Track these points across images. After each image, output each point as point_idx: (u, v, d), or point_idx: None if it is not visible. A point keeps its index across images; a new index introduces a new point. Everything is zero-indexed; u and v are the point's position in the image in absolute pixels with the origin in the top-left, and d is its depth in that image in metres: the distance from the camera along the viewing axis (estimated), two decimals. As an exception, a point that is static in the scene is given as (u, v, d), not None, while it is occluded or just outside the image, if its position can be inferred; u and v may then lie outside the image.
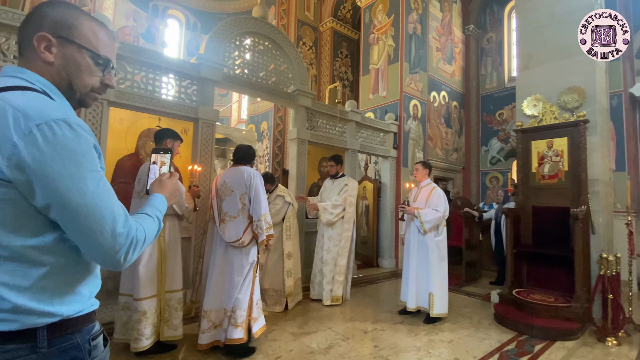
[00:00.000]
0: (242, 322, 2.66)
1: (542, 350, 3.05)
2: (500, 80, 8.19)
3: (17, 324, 0.69)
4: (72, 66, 0.81)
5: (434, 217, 3.69)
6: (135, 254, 0.79)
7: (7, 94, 0.70)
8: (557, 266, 4.04)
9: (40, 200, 0.69)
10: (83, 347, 0.78)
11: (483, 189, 8.20)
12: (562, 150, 4.19)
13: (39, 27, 0.77)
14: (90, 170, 0.73)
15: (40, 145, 0.67)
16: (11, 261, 0.69)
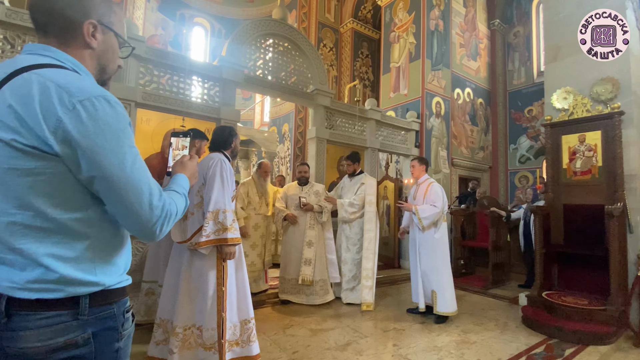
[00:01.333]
0: (214, 344, 2.20)
1: (574, 354, 2.88)
2: (529, 76, 7.85)
3: (63, 292, 0.72)
4: (109, 52, 0.87)
5: (432, 212, 3.61)
6: (169, 226, 0.84)
7: (45, 70, 0.72)
8: (590, 268, 3.81)
9: (85, 173, 0.72)
10: (118, 317, 0.82)
11: (512, 189, 7.88)
12: (595, 144, 3.96)
13: (88, 14, 0.80)
14: (128, 146, 0.76)
15: (84, 120, 0.70)
16: (57, 233, 0.72)
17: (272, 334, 3.11)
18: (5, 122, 0.68)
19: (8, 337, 0.70)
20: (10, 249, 0.70)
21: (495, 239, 5.43)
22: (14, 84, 0.70)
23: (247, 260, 3.95)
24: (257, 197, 4.07)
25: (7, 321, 0.70)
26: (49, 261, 0.71)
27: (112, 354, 0.81)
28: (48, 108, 0.68)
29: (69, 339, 0.73)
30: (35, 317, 0.71)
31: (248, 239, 4.00)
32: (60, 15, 0.78)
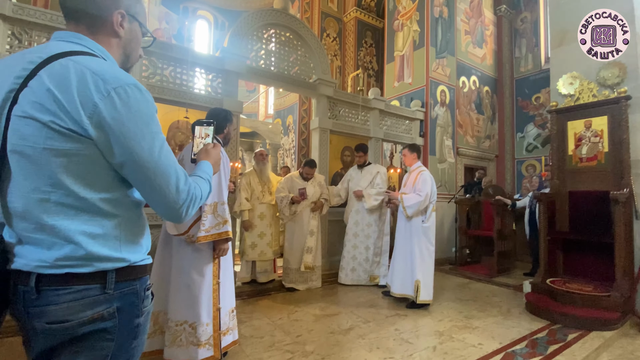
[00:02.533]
0: (209, 339, 2.16)
1: (576, 339, 2.89)
2: (537, 62, 7.70)
3: (92, 267, 0.76)
4: (134, 41, 0.92)
5: (416, 201, 3.63)
6: (194, 209, 0.88)
7: (80, 57, 0.76)
8: (596, 255, 3.79)
9: (118, 157, 0.76)
10: (139, 294, 0.86)
11: (519, 178, 7.80)
12: (601, 130, 3.90)
13: (117, 4, 0.85)
14: (157, 132, 0.81)
15: (118, 106, 0.74)
16: (86, 212, 0.76)
17: (276, 319, 3.17)
18: (44, 105, 0.71)
19: (38, 313, 0.73)
20: (39, 227, 0.73)
21: (501, 228, 5.41)
22: (52, 69, 0.73)
23: (256, 250, 4.05)
24: (260, 187, 4.11)
25: (37, 297, 0.73)
26: (79, 238, 0.74)
27: (132, 329, 0.84)
28: (85, 94, 0.72)
29: (96, 313, 0.76)
30: (65, 292, 0.74)
31: (255, 229, 4.06)
32: (93, 4, 0.83)
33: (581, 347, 2.73)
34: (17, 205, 0.74)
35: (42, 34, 3.26)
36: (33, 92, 0.71)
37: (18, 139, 0.71)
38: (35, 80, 0.72)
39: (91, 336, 0.76)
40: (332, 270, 4.84)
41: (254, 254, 4.01)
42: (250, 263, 4.07)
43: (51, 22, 3.24)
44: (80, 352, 0.76)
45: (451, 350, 2.61)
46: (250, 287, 4.03)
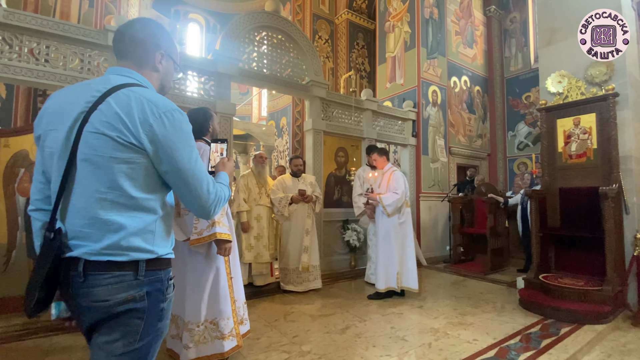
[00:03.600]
0: (232, 331, 2.29)
1: (569, 333, 2.93)
2: (526, 62, 7.81)
3: (127, 257, 0.92)
4: (169, 74, 1.14)
5: (394, 199, 3.85)
6: (220, 207, 1.10)
7: (137, 89, 0.96)
8: (587, 250, 3.84)
9: (164, 165, 0.95)
10: (164, 282, 1.01)
11: (511, 176, 7.88)
12: (590, 127, 3.97)
13: (159, 46, 1.08)
14: (193, 146, 1.01)
15: (167, 126, 0.94)
16: (133, 209, 0.94)
17: (273, 321, 3.17)
18: (112, 124, 0.90)
19: (84, 293, 0.90)
20: (92, 222, 0.90)
21: (494, 225, 5.47)
22: (117, 97, 0.92)
23: (252, 252, 4.03)
24: (257, 189, 4.11)
25: (84, 280, 0.89)
26: (124, 231, 0.91)
27: (158, 313, 1.00)
28: (143, 116, 0.92)
29: (129, 295, 0.92)
30: (105, 277, 0.90)
31: (252, 231, 4.06)
32: (140, 47, 1.05)
33: (574, 341, 2.77)
34: (78, 202, 0.91)
35: (32, 39, 3.24)
36: (103, 114, 0.91)
37: (89, 149, 0.90)
38: (104, 105, 0.91)
39: (125, 315, 0.93)
40: (329, 270, 4.85)
41: (250, 256, 4.00)
42: (247, 265, 4.05)
43: (41, 27, 3.22)
44: (116, 328, 0.93)
45: (446, 347, 2.63)
46: (247, 289, 3.98)
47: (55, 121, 0.94)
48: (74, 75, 3.37)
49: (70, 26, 3.39)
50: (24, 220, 3.14)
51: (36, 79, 3.22)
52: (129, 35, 1.04)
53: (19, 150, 3.15)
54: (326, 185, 5.15)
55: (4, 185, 3.06)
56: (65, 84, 3.34)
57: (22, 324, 2.88)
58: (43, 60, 3.27)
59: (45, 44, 3.29)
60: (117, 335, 0.93)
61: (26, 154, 3.18)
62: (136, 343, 0.95)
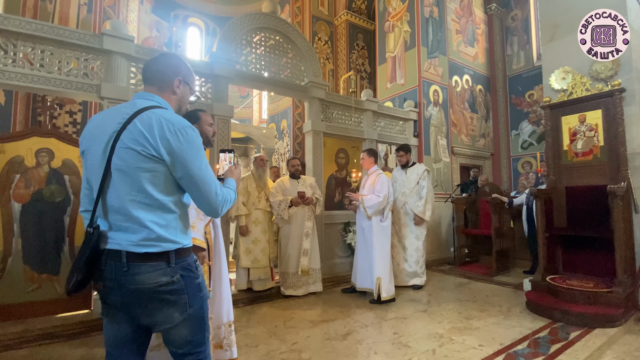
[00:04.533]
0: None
1: (579, 337, 2.83)
2: (529, 59, 7.71)
3: (159, 247, 1.12)
4: (184, 97, 1.34)
5: (376, 202, 3.88)
6: (226, 209, 1.28)
7: (157, 110, 1.16)
8: (596, 250, 3.73)
9: (179, 172, 1.14)
10: (192, 265, 1.23)
11: (515, 176, 7.76)
12: (596, 124, 3.87)
13: (177, 73, 1.29)
14: (202, 157, 1.20)
15: (181, 140, 1.13)
16: (158, 209, 1.13)
17: (272, 327, 3.10)
18: (138, 140, 1.10)
19: (129, 280, 1.10)
20: (129, 218, 1.10)
21: (498, 226, 5.37)
22: (142, 118, 1.13)
23: (250, 256, 3.96)
24: (257, 192, 4.04)
25: (127, 269, 1.10)
26: (152, 225, 1.11)
27: (196, 286, 1.23)
28: (162, 133, 1.11)
29: (167, 279, 1.13)
30: (145, 265, 1.11)
31: (249, 235, 3.99)
32: (163, 74, 1.27)
33: (584, 346, 2.67)
34: (115, 203, 1.11)
35: (27, 43, 3.20)
36: (131, 133, 1.11)
37: (120, 161, 1.10)
38: (132, 125, 1.12)
39: (168, 294, 1.14)
40: (330, 274, 4.77)
41: (248, 260, 3.93)
42: (245, 270, 3.98)
43: (36, 32, 3.19)
44: (165, 304, 1.15)
45: (451, 353, 2.54)
46: (246, 294, 3.94)
47: (95, 139, 1.16)
48: (69, 80, 3.33)
49: (66, 30, 3.36)
50: (19, 227, 3.10)
51: (31, 83, 3.18)
52: (155, 66, 1.27)
53: (14, 156, 3.11)
54: (327, 187, 5.08)
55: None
56: (60, 89, 3.31)
57: (19, 332, 2.83)
58: (38, 65, 3.24)
59: (40, 48, 3.25)
60: (171, 310, 1.16)
61: (21, 160, 3.14)
62: (188, 310, 1.19)
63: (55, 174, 3.27)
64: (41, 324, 2.96)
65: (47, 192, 3.22)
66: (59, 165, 3.29)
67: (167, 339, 1.22)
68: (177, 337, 1.20)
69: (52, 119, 5.33)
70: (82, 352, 2.65)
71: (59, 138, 3.32)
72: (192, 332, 1.22)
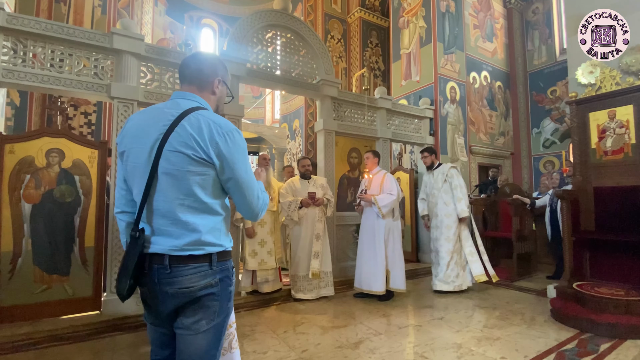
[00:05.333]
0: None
1: (610, 349, 2.61)
2: (551, 54, 7.38)
3: (204, 250, 1.10)
4: (222, 97, 1.32)
5: (390, 200, 3.88)
6: (264, 211, 1.27)
7: (203, 112, 1.13)
8: (627, 255, 3.48)
9: (226, 175, 1.11)
10: (230, 270, 1.21)
11: (536, 176, 7.45)
12: (627, 120, 3.62)
13: (216, 73, 1.26)
14: (247, 160, 1.18)
15: (229, 143, 1.10)
16: (205, 212, 1.11)
17: (281, 332, 2.99)
18: (188, 144, 1.07)
19: (170, 282, 1.08)
20: (174, 222, 1.07)
21: (520, 229, 5.12)
22: (190, 121, 1.09)
23: (257, 258, 3.88)
24: (262, 192, 3.95)
25: (170, 272, 1.07)
26: (200, 229, 1.09)
27: (228, 294, 1.19)
28: (211, 136, 1.09)
29: (207, 282, 1.11)
30: (188, 268, 1.08)
31: (255, 237, 3.90)
32: (203, 73, 1.23)
33: (615, 359, 2.46)
34: (161, 207, 1.08)
35: (37, 43, 3.21)
36: (180, 135, 1.07)
37: (169, 165, 1.07)
38: (180, 128, 1.08)
39: (205, 297, 1.11)
40: (342, 277, 4.64)
41: (254, 262, 3.84)
42: (251, 272, 3.89)
43: (46, 31, 3.19)
44: (199, 309, 1.11)
45: (470, 366, 2.37)
46: (254, 297, 3.86)
47: (137, 141, 1.12)
48: (79, 80, 3.32)
49: (76, 30, 3.35)
50: (29, 227, 3.10)
51: (41, 83, 3.18)
52: (194, 64, 1.23)
53: (24, 157, 3.12)
54: (338, 188, 4.96)
55: (9, 192, 3.03)
56: (70, 88, 3.30)
57: (26, 333, 2.82)
58: (48, 65, 3.24)
59: (51, 48, 3.25)
60: (200, 316, 1.11)
61: (32, 160, 3.14)
62: (215, 320, 1.14)
63: (66, 174, 3.27)
64: (50, 325, 2.94)
65: (58, 193, 3.22)
66: (70, 165, 3.29)
67: (179, 349, 1.14)
68: (192, 348, 1.12)
69: (68, 120, 5.39)
70: (91, 354, 2.61)
71: (69, 138, 3.31)
72: (208, 347, 1.13)
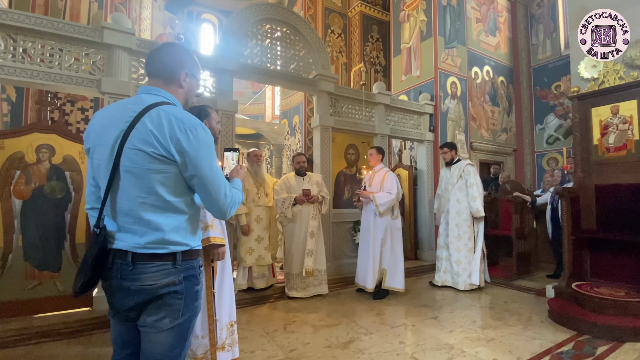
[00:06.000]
0: (206, 353, 2.04)
1: (607, 352, 2.54)
2: (555, 48, 7.20)
3: (167, 249, 1.09)
4: (191, 91, 1.29)
5: (388, 199, 3.85)
6: (234, 211, 1.24)
7: (166, 107, 1.11)
8: (628, 255, 3.39)
9: (190, 172, 1.09)
10: (196, 269, 1.20)
11: (540, 173, 7.31)
12: (630, 115, 3.50)
13: (183, 66, 1.22)
14: (213, 156, 1.15)
15: (191, 140, 1.08)
16: (169, 211, 1.10)
17: (271, 331, 2.96)
18: (148, 141, 1.05)
19: (133, 279, 1.07)
20: (138, 221, 1.06)
21: (520, 227, 5.02)
22: (150, 117, 1.07)
23: (254, 255, 3.84)
24: (255, 189, 3.89)
25: (133, 269, 1.07)
26: (164, 228, 1.08)
27: (194, 294, 1.19)
28: (172, 132, 1.07)
29: (170, 280, 1.10)
30: (150, 266, 1.08)
31: (252, 234, 3.86)
32: (168, 67, 1.20)
33: (614, 363, 2.39)
34: (124, 206, 1.07)
35: (27, 38, 3.17)
36: (140, 133, 1.05)
37: (129, 163, 1.06)
38: (140, 124, 1.06)
39: (168, 295, 1.10)
40: (338, 274, 4.60)
41: (252, 259, 3.79)
42: (246, 269, 3.85)
43: (36, 26, 3.14)
44: (162, 307, 1.10)
45: (461, 368, 2.32)
46: (248, 294, 3.82)
47: (100, 137, 1.11)
48: (69, 75, 3.28)
49: (65, 24, 3.30)
50: (20, 223, 3.09)
51: (31, 79, 3.15)
52: (159, 57, 1.20)
53: (15, 152, 3.09)
54: (335, 185, 4.89)
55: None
56: (60, 84, 3.26)
57: (16, 329, 2.81)
58: (38, 60, 3.21)
59: (41, 43, 3.22)
60: (163, 314, 1.11)
61: (22, 156, 3.12)
62: (179, 318, 1.13)
63: (56, 170, 3.24)
64: (40, 321, 2.93)
65: (48, 189, 3.20)
66: (60, 161, 3.26)
67: (143, 347, 1.14)
68: (155, 346, 1.12)
69: (65, 116, 5.38)
70: (80, 351, 2.60)
71: (59, 134, 3.29)
72: (171, 345, 1.13)
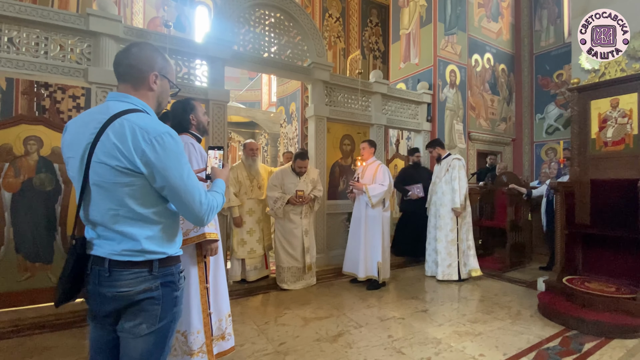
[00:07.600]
0: (202, 347, 2.06)
1: (594, 349, 2.56)
2: (559, 35, 7.02)
3: (143, 257, 1.09)
4: (164, 92, 1.24)
5: (380, 191, 3.94)
6: (212, 216, 1.22)
7: (130, 115, 1.07)
8: (621, 251, 3.39)
9: (159, 183, 1.07)
10: (175, 275, 1.20)
11: (538, 163, 7.26)
12: (630, 109, 3.43)
13: (152, 67, 1.17)
14: (183, 164, 1.11)
15: (158, 150, 1.05)
16: (142, 221, 1.09)
17: (262, 324, 2.99)
18: (112, 154, 1.03)
19: (109, 285, 1.08)
20: (112, 231, 1.07)
21: (514, 219, 5.02)
22: (114, 128, 1.04)
23: (246, 247, 3.85)
24: (248, 181, 3.86)
25: (109, 275, 1.08)
26: (138, 238, 1.08)
27: (172, 299, 1.18)
28: (136, 143, 1.03)
29: (146, 286, 1.10)
30: (127, 273, 1.08)
31: (244, 226, 3.85)
32: (136, 69, 1.14)
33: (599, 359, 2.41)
34: (96, 217, 1.08)
35: (12, 27, 3.08)
36: (104, 146, 1.04)
37: (96, 176, 1.06)
38: (105, 137, 1.04)
39: (145, 301, 1.10)
40: (330, 265, 4.62)
41: (244, 251, 3.81)
42: (240, 261, 3.87)
43: (19, 14, 3.04)
44: (138, 313, 1.10)
45: (447, 363, 2.34)
46: (241, 285, 3.85)
47: (71, 150, 1.11)
48: (55, 64, 3.20)
49: (50, 12, 3.20)
50: (10, 216, 3.07)
51: (16, 69, 3.07)
52: (126, 59, 1.14)
53: (2, 144, 3.05)
54: (330, 176, 4.86)
55: (-13, 181, 2.98)
56: (46, 73, 3.19)
57: (10, 320, 2.84)
58: (23, 49, 3.12)
59: (25, 31, 3.12)
60: (140, 320, 1.10)
61: (10, 148, 3.08)
62: (157, 324, 1.13)
63: (45, 162, 3.20)
64: (33, 313, 2.96)
65: (37, 181, 3.17)
66: (49, 153, 3.22)
67: (122, 352, 1.15)
68: (133, 352, 1.12)
69: (56, 104, 5.30)
70: (72, 342, 2.63)
71: (47, 125, 3.23)
72: (149, 351, 1.14)
